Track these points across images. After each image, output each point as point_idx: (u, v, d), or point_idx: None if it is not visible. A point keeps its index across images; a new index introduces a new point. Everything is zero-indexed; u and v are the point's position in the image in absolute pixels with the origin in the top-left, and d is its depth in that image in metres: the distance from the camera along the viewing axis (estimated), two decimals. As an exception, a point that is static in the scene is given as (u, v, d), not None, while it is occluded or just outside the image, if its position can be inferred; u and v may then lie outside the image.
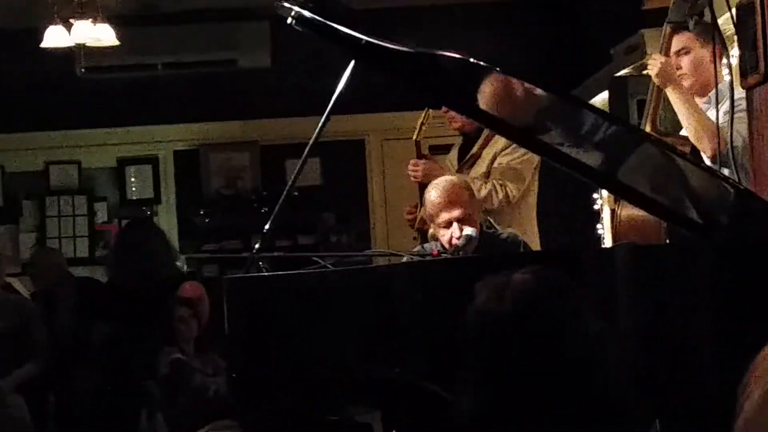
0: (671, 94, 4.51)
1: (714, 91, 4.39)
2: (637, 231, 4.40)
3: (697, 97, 4.60)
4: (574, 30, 8.50)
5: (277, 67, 8.83)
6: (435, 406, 3.29)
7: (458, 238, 4.37)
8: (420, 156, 5.56)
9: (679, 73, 4.61)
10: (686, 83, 4.61)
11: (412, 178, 5.49)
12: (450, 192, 4.47)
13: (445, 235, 4.45)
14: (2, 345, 6.17)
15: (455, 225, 4.41)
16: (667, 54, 4.64)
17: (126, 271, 6.48)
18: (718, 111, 4.31)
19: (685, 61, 4.62)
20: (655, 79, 4.56)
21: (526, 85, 3.67)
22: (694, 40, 4.57)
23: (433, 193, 4.52)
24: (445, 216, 4.44)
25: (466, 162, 5.52)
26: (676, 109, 4.54)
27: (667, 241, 4.11)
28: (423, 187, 5.42)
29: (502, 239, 4.57)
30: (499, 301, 2.06)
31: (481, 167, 5.44)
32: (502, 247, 4.49)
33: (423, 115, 5.50)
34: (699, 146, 4.42)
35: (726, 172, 4.20)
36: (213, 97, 8.98)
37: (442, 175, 5.37)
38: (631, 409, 2.05)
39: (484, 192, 5.29)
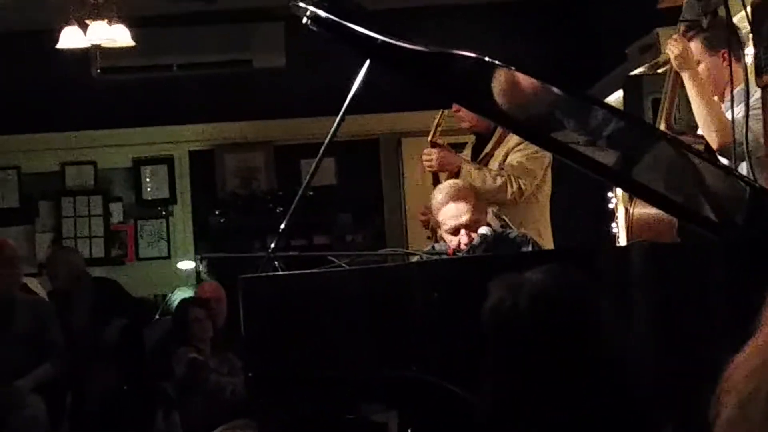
0: (687, 80, 4.50)
1: (735, 90, 4.35)
2: (649, 229, 4.39)
3: (715, 97, 4.58)
4: (589, 29, 8.50)
5: (291, 67, 8.83)
6: (451, 405, 3.30)
7: (466, 245, 4.38)
8: None
9: None
10: None
11: (427, 167, 5.49)
12: (455, 198, 4.48)
13: (452, 241, 4.45)
14: (20, 345, 6.20)
15: (463, 232, 4.42)
16: None
17: None
18: (733, 109, 4.29)
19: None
20: (673, 61, 4.55)
21: (541, 83, 3.67)
22: (702, 50, 4.56)
23: (439, 198, 4.53)
24: (452, 223, 4.45)
25: (479, 161, 5.52)
26: (689, 97, 4.53)
27: (679, 239, 4.11)
28: (437, 176, 5.44)
29: (511, 239, 4.57)
30: (515, 299, 2.06)
31: (494, 166, 5.45)
32: (512, 247, 4.49)
33: (438, 116, 5.50)
34: (707, 136, 4.41)
35: (743, 165, 4.19)
36: (228, 98, 8.99)
37: (457, 162, 5.38)
38: (646, 411, 2.05)
39: (499, 182, 5.30)
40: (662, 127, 4.62)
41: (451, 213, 4.46)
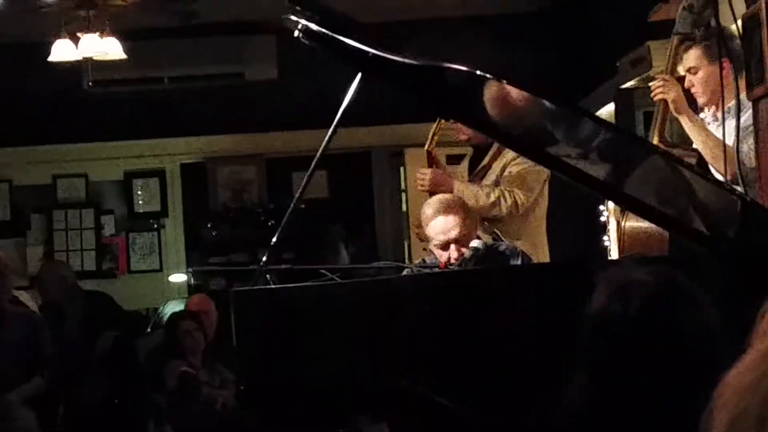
0: (685, 123, 4.52)
1: (730, 104, 4.33)
2: (640, 243, 4.40)
3: (713, 107, 4.58)
4: (581, 42, 8.51)
5: (283, 80, 8.84)
6: (442, 418, 3.29)
7: (456, 259, 4.38)
8: (431, 166, 5.54)
9: (692, 90, 4.60)
10: (700, 101, 4.61)
11: (420, 188, 5.48)
12: (444, 212, 4.48)
13: (442, 256, 4.46)
14: (11, 358, 6.17)
15: (453, 247, 4.42)
16: (674, 66, 4.65)
17: None
18: (724, 124, 4.29)
19: (696, 80, 4.61)
20: (671, 105, 4.55)
21: (533, 97, 3.67)
22: (702, 58, 4.55)
23: (428, 212, 4.52)
24: (441, 238, 4.45)
25: (476, 174, 5.50)
26: (691, 137, 4.54)
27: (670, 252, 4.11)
28: (432, 195, 5.42)
29: (500, 251, 4.56)
30: (622, 301, 2.07)
31: (491, 178, 5.42)
32: (501, 260, 4.49)
33: (435, 125, 5.48)
34: (719, 169, 4.39)
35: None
36: (219, 111, 9.00)
37: (450, 184, 5.36)
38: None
39: (492, 197, 5.26)
40: (655, 140, 4.62)
41: (440, 228, 4.45)
